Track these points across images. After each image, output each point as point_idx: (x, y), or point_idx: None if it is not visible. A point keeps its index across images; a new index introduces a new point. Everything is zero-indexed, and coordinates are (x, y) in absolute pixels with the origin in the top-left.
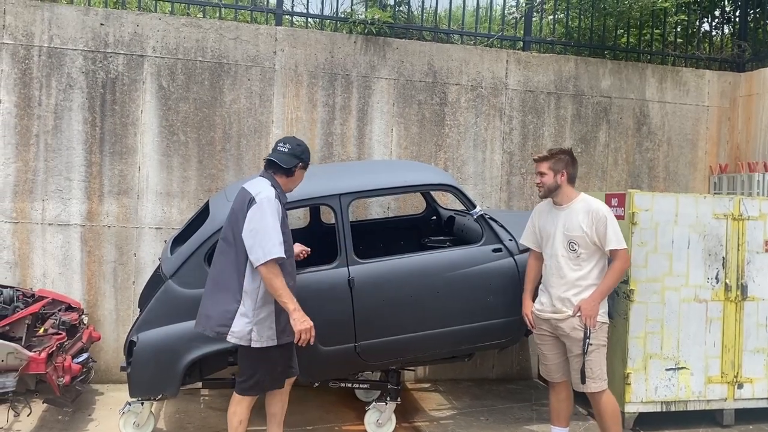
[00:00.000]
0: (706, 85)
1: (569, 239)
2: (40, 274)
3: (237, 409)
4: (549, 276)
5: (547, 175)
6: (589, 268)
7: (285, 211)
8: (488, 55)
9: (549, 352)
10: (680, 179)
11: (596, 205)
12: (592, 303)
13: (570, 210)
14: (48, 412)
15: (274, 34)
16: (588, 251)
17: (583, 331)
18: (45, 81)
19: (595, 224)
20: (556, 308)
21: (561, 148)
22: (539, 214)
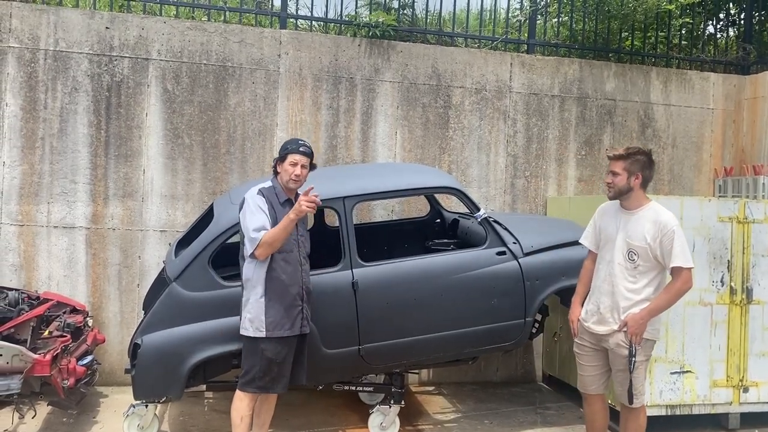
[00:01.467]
0: (710, 87)
1: (630, 248)
2: (45, 277)
3: (238, 404)
4: (600, 282)
5: (621, 176)
6: (644, 282)
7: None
8: (492, 58)
9: (587, 364)
10: (685, 182)
11: (666, 216)
12: (641, 321)
13: (637, 217)
14: (53, 415)
15: (279, 37)
16: (647, 264)
17: (628, 349)
18: (50, 84)
19: (660, 237)
20: (602, 317)
21: (640, 147)
22: (603, 215)
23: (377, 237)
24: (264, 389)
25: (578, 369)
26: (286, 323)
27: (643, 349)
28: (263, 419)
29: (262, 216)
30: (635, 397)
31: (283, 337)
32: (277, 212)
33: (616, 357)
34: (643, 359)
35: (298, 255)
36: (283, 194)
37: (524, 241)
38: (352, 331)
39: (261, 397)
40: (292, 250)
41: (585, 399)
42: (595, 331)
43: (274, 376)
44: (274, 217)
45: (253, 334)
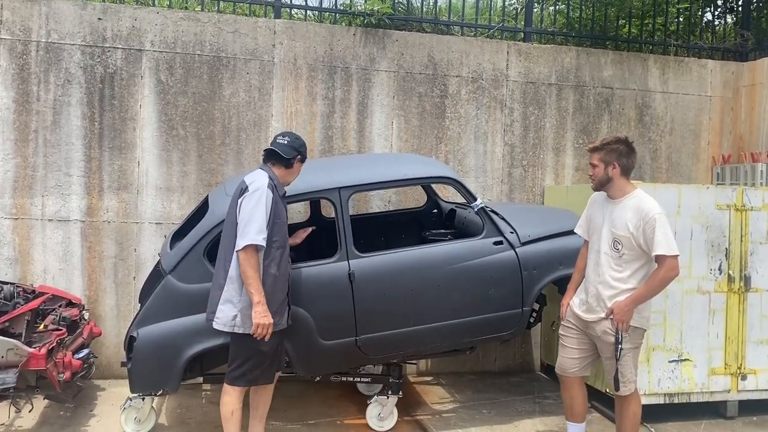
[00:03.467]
0: (708, 74)
1: (614, 237)
2: (40, 270)
3: (227, 399)
4: (589, 271)
5: (598, 167)
6: (630, 271)
7: (282, 202)
8: (489, 46)
9: (571, 346)
10: (683, 170)
11: (648, 204)
12: (626, 308)
13: (621, 206)
14: (50, 408)
15: (273, 27)
16: (633, 253)
17: (615, 336)
18: (43, 76)
19: (642, 225)
20: (590, 306)
21: (616, 137)
22: (592, 204)
23: (374, 228)
24: (254, 382)
25: (560, 351)
26: (280, 319)
27: (631, 338)
28: (261, 411)
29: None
30: (622, 384)
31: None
32: (278, 206)
33: (603, 345)
34: (631, 347)
35: (288, 249)
36: (281, 187)
37: (521, 230)
38: (349, 322)
39: (258, 389)
40: (286, 245)
41: (563, 382)
42: (584, 318)
43: (264, 369)
44: (273, 214)
45: (247, 331)
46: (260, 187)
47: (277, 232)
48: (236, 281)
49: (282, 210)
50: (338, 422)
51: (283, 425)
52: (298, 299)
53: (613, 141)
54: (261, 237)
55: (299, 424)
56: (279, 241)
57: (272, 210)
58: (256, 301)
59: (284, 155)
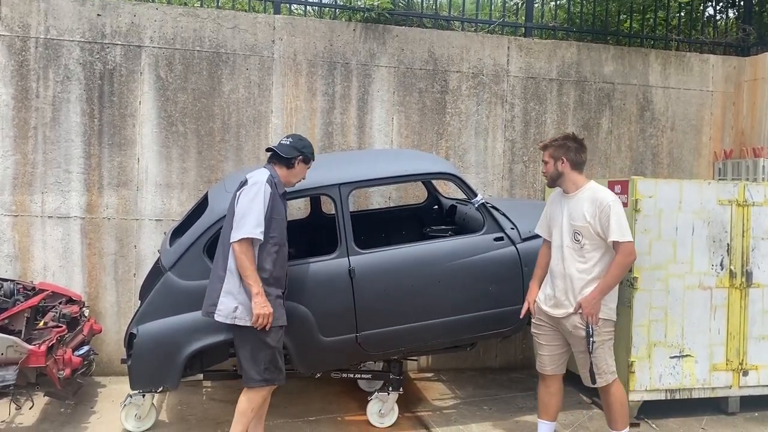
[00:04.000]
0: (710, 69)
1: (574, 229)
2: (40, 267)
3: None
4: (554, 266)
5: (549, 164)
6: (593, 261)
7: (282, 199)
8: (489, 41)
9: (546, 343)
10: (684, 165)
11: (602, 193)
12: (593, 300)
13: (577, 199)
14: (50, 405)
15: (273, 22)
16: (592, 243)
17: (585, 330)
18: (42, 73)
19: (598, 213)
20: (558, 301)
21: (564, 134)
22: (551, 203)
23: (374, 224)
24: (272, 381)
25: (536, 349)
26: (278, 314)
27: (602, 330)
28: (260, 411)
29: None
30: (598, 376)
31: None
32: (275, 204)
33: (575, 339)
34: (603, 339)
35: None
36: (282, 186)
37: (522, 226)
38: (349, 318)
39: None
40: (284, 243)
41: (542, 379)
42: (553, 314)
43: (278, 366)
44: (270, 208)
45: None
46: (259, 181)
47: (274, 228)
48: (236, 274)
49: (281, 207)
50: (339, 419)
51: (284, 422)
52: (299, 296)
53: (561, 138)
54: (258, 230)
55: (300, 420)
56: (276, 237)
57: (270, 205)
58: (255, 292)
59: (284, 155)
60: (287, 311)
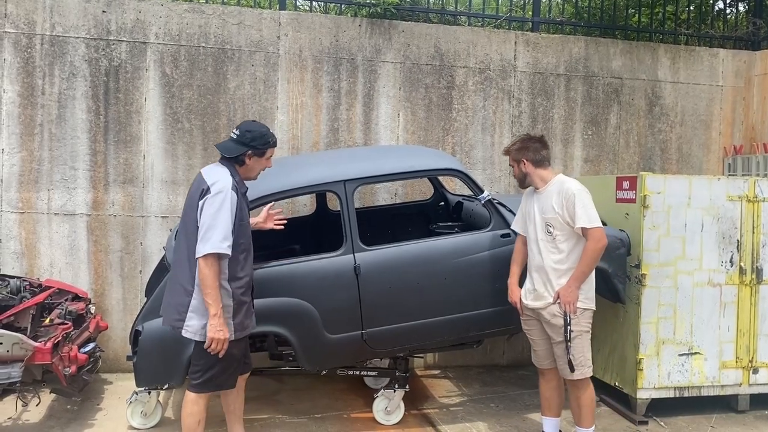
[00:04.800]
0: (720, 64)
1: (545, 221)
2: (47, 264)
3: (193, 409)
4: (531, 260)
5: (514, 168)
6: (566, 251)
7: (244, 200)
8: (496, 36)
9: (537, 338)
10: (694, 161)
11: (568, 184)
12: (569, 289)
13: (546, 193)
14: (57, 402)
15: (278, 18)
16: (564, 233)
17: (563, 318)
18: (48, 70)
19: (565, 203)
20: (537, 293)
21: (521, 137)
22: (525, 199)
23: (380, 221)
24: (221, 387)
25: (532, 345)
26: (249, 322)
27: (580, 320)
28: (238, 413)
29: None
30: (576, 368)
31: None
32: (241, 207)
33: (553, 329)
34: (581, 329)
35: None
36: (243, 186)
37: None
38: (354, 315)
39: (226, 393)
40: (250, 246)
41: (541, 374)
42: (533, 306)
43: (231, 372)
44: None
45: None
46: (223, 188)
47: (241, 234)
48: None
49: (245, 211)
50: (345, 416)
51: (290, 419)
52: (304, 293)
53: (519, 141)
54: (226, 245)
55: (306, 417)
56: (244, 243)
57: (237, 213)
58: (212, 313)
59: (226, 153)
60: (292, 308)
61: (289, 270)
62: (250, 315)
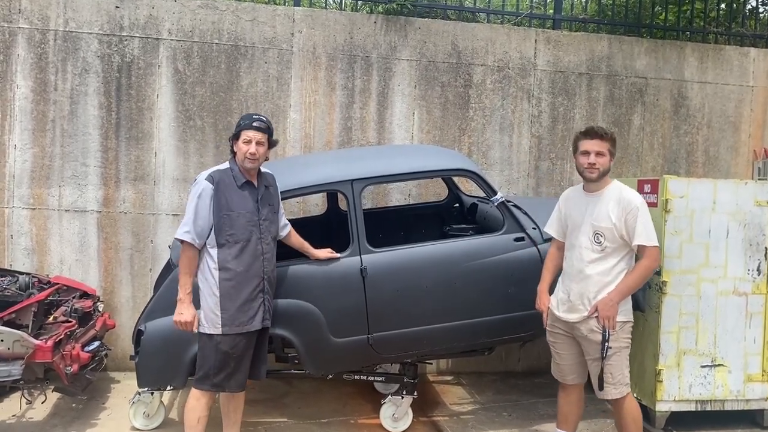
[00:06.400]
0: (750, 63)
1: (595, 230)
2: (57, 261)
3: (194, 404)
4: (569, 269)
5: (606, 157)
6: (613, 263)
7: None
8: (516, 34)
9: (563, 352)
10: (721, 164)
11: (629, 194)
12: (610, 303)
13: (602, 198)
14: (62, 400)
15: (292, 15)
16: (614, 245)
17: (602, 334)
18: (61, 65)
19: (625, 215)
20: (572, 305)
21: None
22: (566, 201)
23: (394, 222)
24: (219, 387)
25: (554, 358)
26: (244, 318)
27: (619, 335)
28: (234, 419)
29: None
30: (612, 387)
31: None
32: (229, 198)
33: (589, 344)
34: (620, 346)
35: (258, 243)
36: (241, 176)
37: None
38: (360, 319)
39: (226, 395)
40: (249, 238)
41: (562, 388)
42: (567, 319)
43: (229, 372)
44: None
45: (208, 331)
46: (199, 180)
47: (230, 225)
48: (203, 280)
49: (239, 201)
50: (351, 421)
51: (295, 423)
52: (309, 294)
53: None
54: (182, 231)
55: (311, 422)
56: (236, 234)
57: (214, 203)
58: (179, 297)
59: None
60: (296, 311)
61: (294, 271)
62: (248, 311)
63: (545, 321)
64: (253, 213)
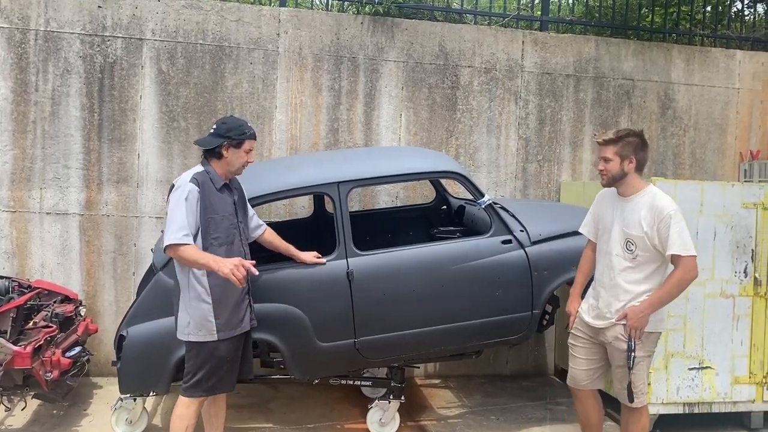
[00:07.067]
0: (736, 66)
1: (627, 237)
2: (38, 265)
3: (183, 412)
4: (600, 275)
5: (613, 162)
6: (646, 273)
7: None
8: (503, 35)
9: (582, 357)
10: (708, 166)
11: (663, 201)
12: (641, 313)
13: (634, 204)
14: (43, 407)
15: (278, 15)
16: (647, 254)
17: (627, 343)
18: (42, 66)
19: (657, 223)
20: (600, 312)
21: (630, 129)
22: (601, 202)
23: (380, 224)
24: (212, 390)
25: (570, 362)
26: (236, 321)
27: (645, 344)
28: (217, 423)
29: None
30: (636, 396)
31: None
32: (211, 199)
33: (614, 351)
34: (644, 355)
35: (240, 245)
36: (219, 179)
37: (532, 229)
38: (347, 323)
39: (208, 400)
40: (233, 241)
41: (576, 396)
42: (594, 324)
43: (222, 376)
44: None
45: (203, 339)
46: (182, 183)
47: (215, 228)
48: (185, 286)
49: (220, 204)
50: (338, 426)
51: (281, 428)
52: (294, 299)
53: (629, 133)
54: (181, 234)
55: (297, 427)
56: (220, 237)
57: (200, 205)
58: (215, 267)
59: (205, 146)
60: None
61: (280, 275)
62: (239, 313)
63: (571, 324)
64: (233, 215)
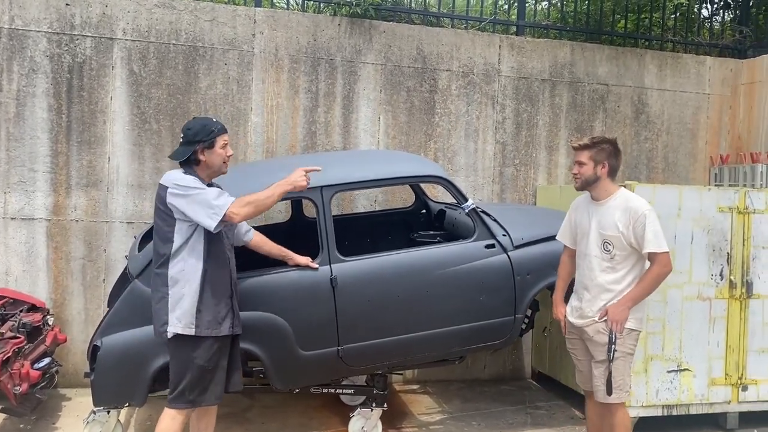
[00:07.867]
0: (706, 72)
1: (604, 239)
2: (2, 272)
3: (169, 424)
4: (581, 277)
5: (587, 166)
6: (624, 271)
7: None
8: (480, 39)
9: (582, 357)
10: (680, 170)
11: (636, 202)
12: (621, 308)
13: (608, 206)
14: (9, 421)
15: (253, 15)
16: (624, 253)
17: (609, 336)
18: (6, 65)
19: (632, 223)
20: (582, 312)
21: (604, 136)
22: (577, 209)
23: (359, 229)
24: (196, 403)
25: (576, 366)
26: (216, 322)
27: (626, 341)
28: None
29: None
30: (615, 390)
31: (214, 338)
32: None
33: (595, 346)
34: (625, 351)
35: (227, 251)
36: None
37: (514, 233)
38: (330, 331)
39: (198, 412)
40: (222, 240)
41: (588, 397)
42: (577, 324)
43: (206, 386)
44: None
45: (181, 331)
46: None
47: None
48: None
49: None
50: None
51: None
52: (276, 306)
53: (604, 140)
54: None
55: None
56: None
57: None
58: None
59: (180, 158)
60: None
61: (260, 282)
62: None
63: (564, 330)
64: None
